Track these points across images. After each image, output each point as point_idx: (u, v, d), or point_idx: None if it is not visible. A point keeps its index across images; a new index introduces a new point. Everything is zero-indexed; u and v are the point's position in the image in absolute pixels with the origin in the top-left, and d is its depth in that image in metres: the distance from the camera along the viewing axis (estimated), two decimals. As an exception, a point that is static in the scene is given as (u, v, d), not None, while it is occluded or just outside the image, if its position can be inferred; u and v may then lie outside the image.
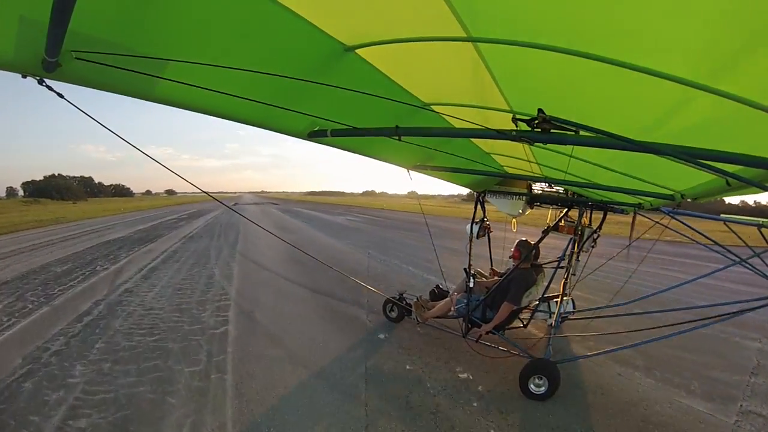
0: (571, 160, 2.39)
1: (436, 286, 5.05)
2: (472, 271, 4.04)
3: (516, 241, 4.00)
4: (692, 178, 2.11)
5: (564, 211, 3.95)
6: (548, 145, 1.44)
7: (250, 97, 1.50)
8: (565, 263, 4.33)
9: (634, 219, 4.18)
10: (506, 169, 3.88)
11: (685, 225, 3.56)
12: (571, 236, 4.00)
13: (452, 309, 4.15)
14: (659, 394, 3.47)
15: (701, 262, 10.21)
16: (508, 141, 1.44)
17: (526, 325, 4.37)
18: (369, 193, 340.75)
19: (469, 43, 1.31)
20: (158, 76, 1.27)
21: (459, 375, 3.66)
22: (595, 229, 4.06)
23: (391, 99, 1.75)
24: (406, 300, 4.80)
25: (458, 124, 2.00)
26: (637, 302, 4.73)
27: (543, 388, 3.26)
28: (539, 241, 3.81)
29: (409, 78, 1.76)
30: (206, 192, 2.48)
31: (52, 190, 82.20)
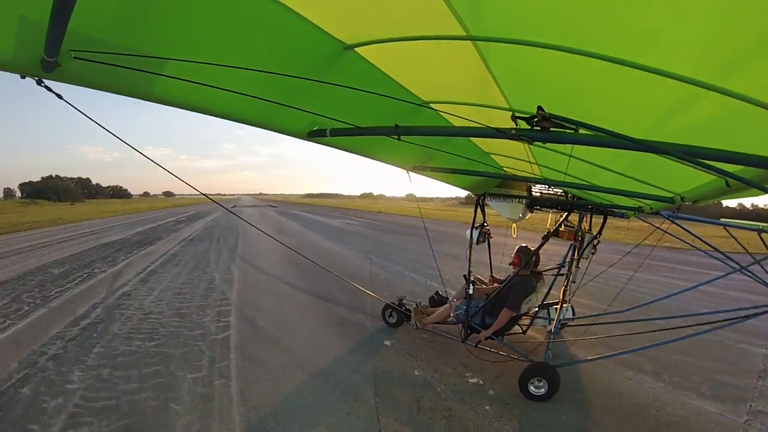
0: (571, 161, 2.39)
1: (436, 293, 5.04)
2: (471, 278, 4.03)
3: (516, 248, 4.00)
4: (692, 180, 2.11)
5: (564, 215, 3.95)
6: (548, 145, 1.44)
7: (250, 96, 1.49)
8: (565, 270, 4.33)
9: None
10: (506, 169, 3.88)
11: (685, 230, 3.57)
12: (572, 242, 4.00)
13: (451, 315, 4.14)
14: (670, 396, 3.49)
15: (702, 270, 10.20)
16: (508, 140, 1.43)
17: (525, 332, 4.36)
18: (367, 196, 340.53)
19: (469, 41, 1.31)
20: (158, 74, 1.27)
21: (469, 380, 3.64)
22: (595, 234, 4.06)
23: (391, 97, 1.75)
24: (405, 306, 4.78)
25: (458, 122, 1.99)
26: (638, 309, 4.72)
27: (543, 389, 3.28)
28: (539, 248, 3.79)
29: (408, 76, 1.76)
30: (206, 195, 2.47)
31: (50, 191, 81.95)
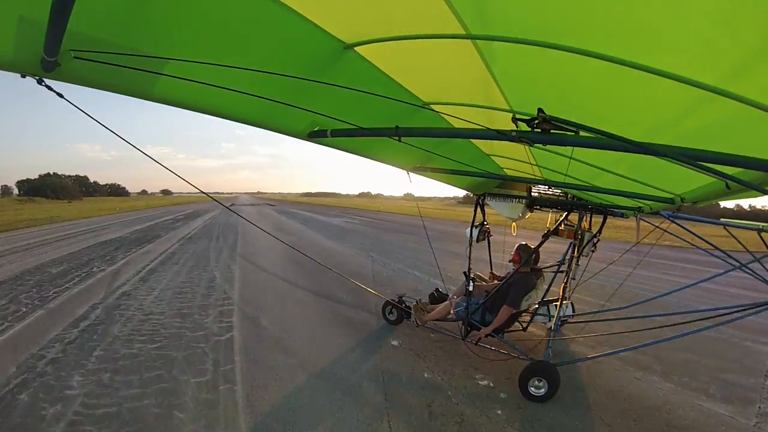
0: (571, 163, 2.39)
1: (436, 290, 5.04)
2: (471, 275, 4.03)
3: (516, 245, 4.00)
4: (692, 181, 2.11)
5: (564, 214, 3.95)
6: (548, 147, 1.44)
7: (251, 96, 1.49)
8: (565, 267, 4.34)
9: (639, 222, 4.18)
10: (506, 171, 3.87)
11: (685, 229, 3.57)
12: (571, 240, 4.00)
13: (451, 312, 4.14)
14: (680, 398, 3.49)
15: (702, 267, 10.25)
16: (508, 142, 1.43)
17: (525, 329, 4.37)
18: (365, 195, 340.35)
19: (469, 40, 1.30)
20: (158, 74, 1.26)
21: (479, 382, 3.60)
22: (595, 233, 4.07)
23: (391, 98, 1.74)
24: (406, 303, 4.78)
25: (458, 124, 1.98)
26: (638, 306, 4.74)
27: (543, 389, 3.26)
28: (539, 246, 3.80)
29: (408, 76, 1.75)
30: (206, 193, 2.45)
31: (47, 189, 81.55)
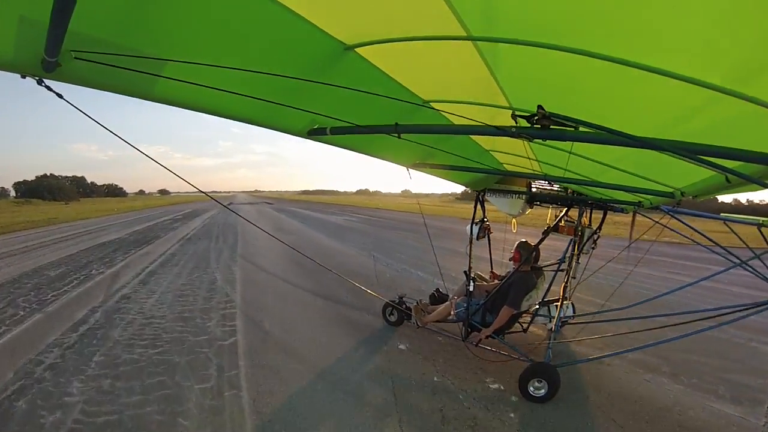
0: (571, 158, 2.40)
1: (436, 290, 5.02)
2: (472, 274, 4.02)
3: (516, 243, 3.98)
4: (692, 175, 2.12)
5: (564, 210, 3.93)
6: (548, 142, 1.48)
7: (251, 96, 1.50)
8: (565, 266, 4.32)
9: (634, 219, 4.17)
10: (506, 166, 3.86)
11: (685, 224, 3.55)
12: (571, 237, 3.99)
13: (452, 313, 4.13)
14: (690, 399, 3.48)
15: (702, 264, 10.25)
16: (508, 138, 1.44)
17: (525, 330, 4.36)
18: (363, 192, 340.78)
19: (470, 42, 1.31)
20: (158, 75, 1.27)
21: (490, 385, 3.58)
22: (595, 229, 4.06)
23: (391, 97, 1.75)
24: (406, 303, 4.77)
25: (458, 121, 2.00)
26: (639, 306, 4.72)
27: (542, 390, 3.25)
28: (539, 243, 3.79)
29: (408, 76, 1.76)
30: (205, 192, 2.45)
31: (44, 190, 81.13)
